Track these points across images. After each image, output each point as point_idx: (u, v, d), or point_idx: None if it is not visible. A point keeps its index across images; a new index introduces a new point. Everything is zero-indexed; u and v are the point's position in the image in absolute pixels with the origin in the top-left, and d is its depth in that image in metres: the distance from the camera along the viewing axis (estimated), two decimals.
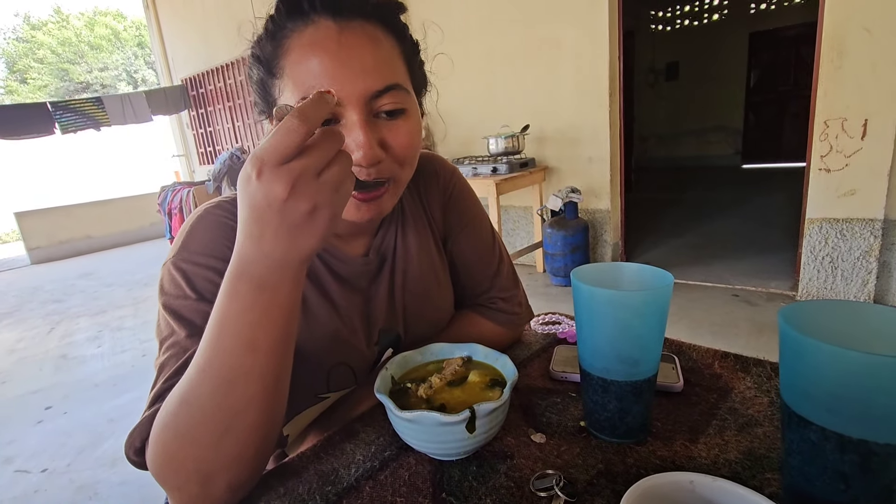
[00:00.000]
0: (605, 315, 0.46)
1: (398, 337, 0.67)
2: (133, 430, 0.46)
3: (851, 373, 0.31)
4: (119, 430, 2.06)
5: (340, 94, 0.46)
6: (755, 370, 0.61)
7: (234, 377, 0.41)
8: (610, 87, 3.05)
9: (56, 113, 5.42)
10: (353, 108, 0.48)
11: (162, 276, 0.54)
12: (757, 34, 6.95)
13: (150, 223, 7.12)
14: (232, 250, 0.47)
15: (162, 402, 0.45)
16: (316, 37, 0.47)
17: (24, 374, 2.80)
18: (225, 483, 0.43)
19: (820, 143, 2.37)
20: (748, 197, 5.21)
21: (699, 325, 2.44)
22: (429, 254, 0.69)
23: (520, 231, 3.77)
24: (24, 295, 4.71)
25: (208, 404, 0.41)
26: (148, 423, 0.45)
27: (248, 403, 0.42)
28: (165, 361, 0.49)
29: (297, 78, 0.47)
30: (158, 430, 0.43)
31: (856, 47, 2.20)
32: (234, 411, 0.41)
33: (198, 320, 0.50)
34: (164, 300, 0.52)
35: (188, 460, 0.42)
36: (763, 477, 0.43)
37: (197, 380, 0.41)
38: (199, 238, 0.54)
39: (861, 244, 2.37)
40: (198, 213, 0.57)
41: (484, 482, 0.46)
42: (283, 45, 0.49)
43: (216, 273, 0.52)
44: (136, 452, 0.46)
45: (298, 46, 0.48)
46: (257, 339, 0.40)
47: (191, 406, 0.41)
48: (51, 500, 1.67)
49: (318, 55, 0.47)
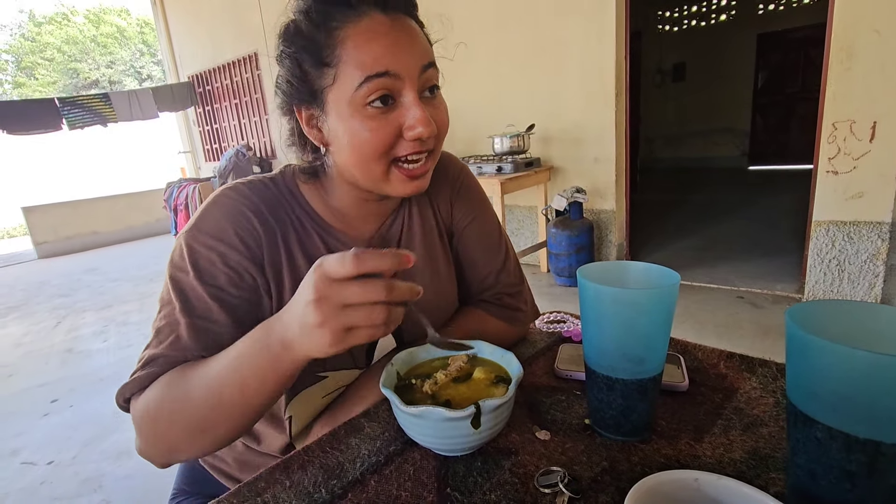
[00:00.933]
0: (612, 313, 0.46)
1: None
2: (126, 384, 0.54)
3: (858, 372, 0.31)
4: (124, 424, 2.08)
5: (399, 69, 0.52)
6: (761, 370, 0.61)
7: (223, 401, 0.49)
8: (616, 88, 3.04)
9: (63, 109, 5.45)
10: (410, 86, 0.53)
11: (175, 246, 0.58)
12: (765, 35, 6.90)
13: (155, 219, 7.16)
14: (237, 236, 0.56)
15: (153, 367, 0.53)
16: (372, 25, 0.52)
17: (31, 368, 2.82)
18: (184, 456, 0.53)
19: (828, 145, 2.36)
20: (754, 199, 5.18)
21: (704, 327, 2.43)
22: (433, 245, 0.71)
23: (524, 231, 3.76)
24: (32, 289, 4.74)
25: (200, 411, 0.49)
26: (139, 383, 0.53)
27: (226, 421, 0.50)
28: (161, 328, 0.55)
29: (359, 61, 0.51)
30: (155, 406, 0.51)
31: (865, 49, 2.19)
32: (215, 422, 0.50)
33: (191, 296, 0.55)
34: (170, 270, 0.56)
35: (168, 436, 0.51)
36: (768, 476, 0.43)
37: (198, 390, 0.49)
38: (211, 219, 0.57)
39: (868, 247, 2.36)
40: (215, 193, 0.59)
41: (488, 478, 0.46)
42: (335, 35, 0.52)
43: (218, 255, 0.56)
44: (125, 401, 0.55)
45: (355, 34, 0.52)
46: (248, 384, 0.48)
47: (189, 405, 0.49)
48: (56, 491, 1.69)
49: (377, 38, 0.51)
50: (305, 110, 0.57)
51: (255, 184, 0.61)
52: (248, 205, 0.58)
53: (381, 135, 0.53)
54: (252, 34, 5.41)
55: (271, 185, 0.62)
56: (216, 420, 0.49)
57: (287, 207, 0.62)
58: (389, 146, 0.54)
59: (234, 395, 0.48)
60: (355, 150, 0.54)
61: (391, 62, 0.51)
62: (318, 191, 0.64)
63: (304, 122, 0.57)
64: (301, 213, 0.62)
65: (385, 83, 0.51)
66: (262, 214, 0.59)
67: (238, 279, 0.56)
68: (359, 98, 0.51)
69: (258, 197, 0.59)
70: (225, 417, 0.49)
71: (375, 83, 0.51)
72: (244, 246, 0.56)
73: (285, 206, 0.62)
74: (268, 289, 0.59)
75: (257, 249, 0.58)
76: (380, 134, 0.52)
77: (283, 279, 0.59)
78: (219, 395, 0.48)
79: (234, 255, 0.56)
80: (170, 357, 0.53)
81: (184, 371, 0.52)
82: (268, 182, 0.62)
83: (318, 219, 0.63)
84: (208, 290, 0.54)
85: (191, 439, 0.50)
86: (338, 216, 0.64)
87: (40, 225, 6.41)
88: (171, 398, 0.50)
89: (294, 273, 0.60)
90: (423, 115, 0.52)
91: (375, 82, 0.51)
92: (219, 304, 0.55)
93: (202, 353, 0.53)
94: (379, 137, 0.53)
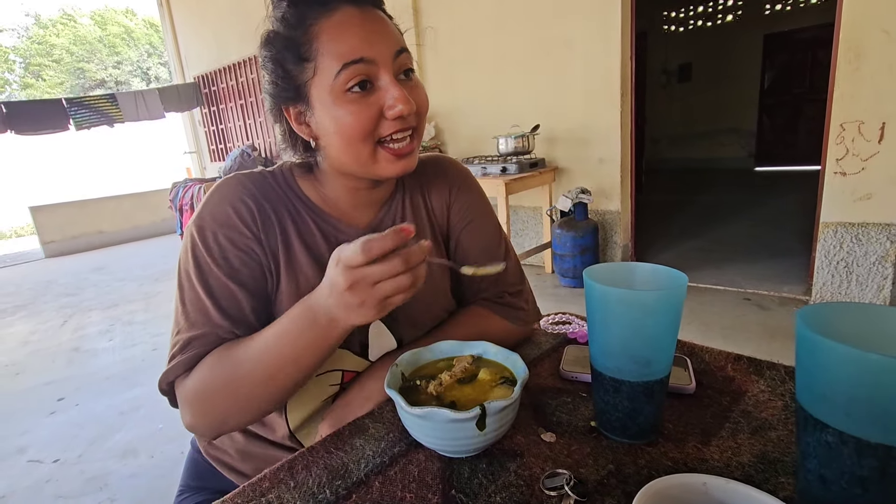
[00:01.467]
0: (619, 314, 0.46)
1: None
2: (168, 370, 0.57)
3: (871, 376, 0.31)
4: (129, 423, 2.09)
5: (374, 54, 0.55)
6: (769, 373, 0.60)
7: (276, 375, 0.54)
8: (622, 88, 3.03)
9: (71, 109, 5.49)
10: (385, 69, 0.56)
11: (186, 234, 0.62)
12: (771, 36, 6.86)
13: (161, 219, 7.19)
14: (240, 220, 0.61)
15: (192, 350, 0.56)
16: (344, 18, 0.55)
17: (38, 366, 2.84)
18: (234, 424, 0.58)
19: (836, 146, 2.34)
20: (761, 200, 5.14)
21: (710, 329, 2.41)
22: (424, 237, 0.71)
23: (528, 231, 3.75)
24: (39, 288, 4.77)
25: (253, 385, 0.54)
26: (184, 366, 0.56)
27: (276, 391, 0.55)
28: (188, 311, 0.58)
29: (335, 51, 0.54)
30: (205, 385, 0.55)
31: (874, 49, 2.17)
32: (266, 395, 0.55)
33: (210, 278, 0.59)
34: (183, 256, 0.61)
35: (220, 410, 0.56)
36: (777, 481, 0.43)
37: (251, 367, 0.54)
38: (213, 208, 0.61)
39: (877, 249, 2.33)
40: (216, 184, 0.64)
41: (493, 480, 0.46)
42: (310, 31, 0.55)
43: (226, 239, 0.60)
44: (167, 385, 0.58)
45: (329, 27, 0.55)
46: (300, 357, 0.53)
47: (239, 383, 0.54)
48: (62, 490, 1.69)
49: (350, 29, 0.55)
50: (293, 108, 0.60)
51: (253, 175, 0.65)
52: (245, 192, 0.62)
53: (364, 117, 0.56)
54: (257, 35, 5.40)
55: (269, 176, 0.66)
56: (270, 392, 0.55)
57: (283, 197, 0.65)
58: (373, 127, 0.57)
59: (289, 367, 0.53)
60: (341, 135, 0.57)
61: (365, 49, 0.54)
62: (313, 183, 0.67)
63: (293, 119, 0.60)
64: (297, 202, 0.66)
65: (361, 69, 0.54)
66: (259, 201, 0.62)
67: (247, 258, 0.60)
68: (338, 85, 0.55)
69: (255, 186, 0.63)
70: (280, 388, 0.55)
71: (353, 69, 0.54)
72: (246, 228, 0.61)
73: (282, 196, 0.65)
74: (269, 268, 0.63)
75: (257, 231, 0.62)
76: (362, 116, 0.55)
77: (280, 266, 0.63)
78: (274, 369, 0.53)
79: (239, 237, 0.60)
80: (206, 335, 0.57)
81: (229, 351, 0.56)
82: (266, 174, 0.66)
83: (314, 207, 0.66)
84: (223, 270, 0.59)
85: (242, 411, 0.56)
86: (332, 206, 0.67)
87: (47, 224, 6.45)
88: (223, 378, 0.54)
89: (289, 256, 0.63)
90: (401, 94, 0.55)
91: (352, 69, 0.54)
92: (235, 282, 0.59)
93: (232, 329, 0.58)
94: (362, 119, 0.56)
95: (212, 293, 0.58)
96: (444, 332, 0.69)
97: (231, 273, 0.59)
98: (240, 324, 0.58)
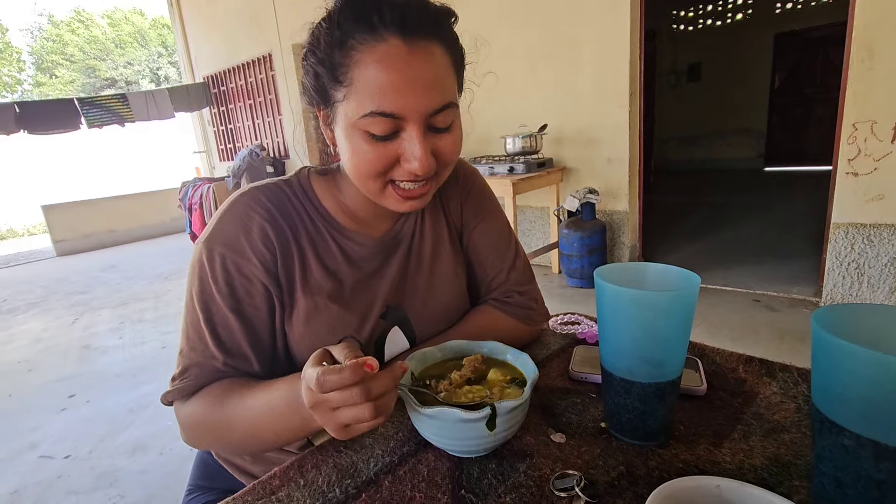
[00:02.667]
0: (630, 315, 0.45)
1: (406, 318, 0.69)
2: (168, 392, 0.60)
3: (889, 379, 0.30)
4: (139, 420, 2.11)
5: (404, 110, 0.51)
6: (781, 375, 0.60)
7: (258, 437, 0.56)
8: (630, 88, 3.01)
9: (83, 108, 5.55)
10: (414, 124, 0.52)
11: (194, 252, 0.60)
12: (782, 35, 6.78)
13: (170, 218, 7.25)
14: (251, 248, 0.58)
15: (188, 378, 0.59)
16: (387, 55, 0.50)
17: (50, 363, 2.88)
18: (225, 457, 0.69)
19: (848, 146, 2.31)
20: (771, 201, 5.09)
21: (719, 330, 2.39)
22: (444, 244, 0.73)
23: (536, 231, 3.74)
24: (51, 286, 4.83)
25: (237, 437, 0.57)
26: (179, 393, 0.59)
27: (259, 445, 0.59)
28: (189, 335, 0.60)
29: (366, 91, 0.50)
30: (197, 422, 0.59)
31: (888, 48, 2.14)
32: (249, 446, 0.60)
33: (211, 306, 0.59)
34: (191, 278, 0.60)
35: (210, 446, 0.65)
36: (791, 484, 0.42)
37: (238, 423, 0.56)
38: (225, 229, 0.59)
39: (889, 250, 2.30)
40: (231, 200, 0.62)
41: (503, 480, 0.46)
42: (351, 55, 0.51)
43: (233, 266, 0.59)
44: (167, 403, 0.61)
45: (370, 62, 0.50)
46: (280, 435, 0.55)
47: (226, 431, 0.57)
48: (72, 485, 1.71)
49: (388, 73, 0.50)
50: (322, 110, 0.58)
51: (269, 188, 0.63)
52: (261, 213, 0.60)
53: (379, 160, 0.53)
54: (267, 36, 5.46)
55: (286, 187, 0.64)
56: (251, 445, 0.59)
57: (300, 209, 0.63)
58: (386, 170, 0.55)
59: (269, 436, 0.56)
60: (354, 165, 0.55)
61: (397, 104, 0.50)
62: (331, 190, 0.65)
63: (322, 120, 0.59)
64: (314, 213, 0.64)
65: (388, 123, 0.51)
66: (275, 221, 0.61)
67: (252, 288, 0.59)
68: (360, 124, 0.52)
69: (271, 202, 0.61)
70: (258, 446, 0.59)
71: (379, 120, 0.51)
72: (257, 257, 0.59)
73: (298, 209, 0.63)
74: (281, 298, 0.61)
75: (271, 259, 0.60)
76: (377, 159, 0.53)
77: (296, 285, 0.61)
78: (255, 433, 0.56)
79: (247, 265, 0.59)
80: (202, 365, 0.59)
81: (222, 400, 0.57)
82: (282, 185, 0.64)
83: (330, 220, 0.65)
84: (226, 301, 0.58)
85: (233, 452, 0.66)
86: (350, 216, 0.66)
87: (59, 223, 6.53)
88: (213, 423, 0.57)
89: (306, 277, 0.62)
90: (422, 155, 0.52)
91: (379, 119, 0.51)
92: (235, 314, 0.59)
93: (227, 361, 0.59)
94: (375, 162, 0.53)
95: (211, 322, 0.59)
96: (453, 331, 0.69)
97: (233, 305, 0.59)
98: (236, 356, 0.59)
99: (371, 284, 0.66)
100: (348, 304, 0.64)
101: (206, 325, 0.58)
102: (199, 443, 0.62)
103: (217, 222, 0.60)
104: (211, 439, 0.61)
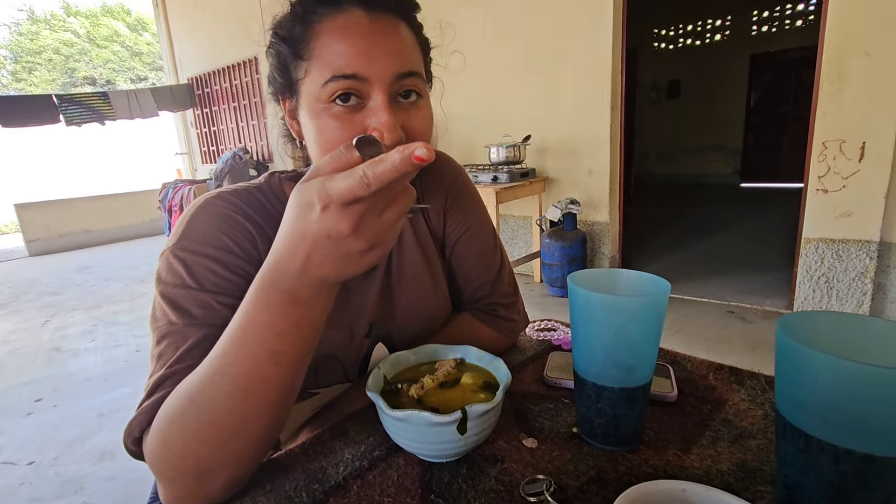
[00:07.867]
0: (602, 320, 0.46)
1: (390, 333, 0.67)
2: (132, 420, 0.46)
3: (848, 383, 0.31)
4: (109, 425, 2.04)
5: (369, 73, 0.49)
6: (749, 383, 0.61)
7: (252, 385, 0.41)
8: (612, 101, 3.07)
9: (62, 105, 5.43)
10: (379, 89, 0.50)
11: (160, 265, 0.53)
12: (758, 56, 7.02)
13: (149, 219, 7.10)
14: (232, 241, 0.52)
15: (162, 390, 0.46)
16: (349, 21, 0.50)
17: (16, 366, 2.77)
18: (222, 481, 0.44)
19: (818, 164, 2.39)
20: (745, 215, 5.23)
21: (694, 341, 2.43)
22: (424, 252, 0.70)
23: (518, 240, 3.77)
24: (21, 287, 4.67)
25: (220, 407, 0.42)
26: (148, 414, 0.45)
27: (261, 411, 0.43)
28: (164, 350, 0.49)
29: (328, 59, 0.50)
30: (162, 425, 0.43)
31: (856, 71, 2.22)
32: (245, 417, 0.42)
33: (195, 309, 0.50)
34: (161, 289, 0.52)
35: (189, 458, 0.42)
36: (756, 489, 0.43)
37: (210, 382, 0.42)
38: (200, 227, 0.54)
39: (857, 265, 2.38)
40: (198, 202, 0.57)
41: (473, 485, 0.45)
42: (312, 28, 0.51)
43: (216, 262, 0.52)
44: (134, 442, 0.47)
45: (330, 30, 0.50)
46: (282, 350, 0.41)
47: (200, 407, 0.42)
48: (36, 493, 1.65)
49: (350, 38, 0.49)
50: (287, 102, 0.57)
51: (239, 191, 0.59)
52: (237, 209, 0.56)
53: (345, 134, 0.50)
54: (252, 39, 5.43)
55: (257, 192, 0.60)
56: (249, 414, 0.42)
57: (275, 213, 0.59)
58: None
59: (268, 372, 0.41)
60: (320, 146, 0.52)
61: (360, 65, 0.49)
62: None
63: (287, 114, 0.58)
64: None
65: (350, 84, 0.49)
66: (252, 218, 0.57)
67: (242, 283, 0.52)
68: (324, 95, 0.50)
69: (244, 202, 0.57)
70: (260, 406, 0.42)
71: (340, 83, 0.49)
72: (241, 250, 0.54)
73: (272, 212, 0.59)
74: None
75: (254, 252, 0.55)
76: (343, 133, 0.50)
77: None
78: (247, 381, 0.41)
79: (232, 259, 0.53)
80: (183, 371, 0.46)
81: (187, 377, 0.44)
82: (253, 189, 0.60)
83: None
84: (214, 297, 0.51)
85: (220, 453, 0.42)
86: None
87: (33, 222, 6.34)
88: (181, 411, 0.42)
89: None
90: (388, 121, 0.49)
91: (341, 82, 0.49)
92: (229, 310, 0.47)
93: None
94: (342, 137, 0.50)
95: (197, 325, 0.49)
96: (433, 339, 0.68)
97: (223, 301, 0.51)
98: None
99: (353, 302, 0.63)
100: (332, 323, 0.60)
101: (191, 328, 0.49)
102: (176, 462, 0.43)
103: (187, 225, 0.54)
104: (189, 442, 0.42)
